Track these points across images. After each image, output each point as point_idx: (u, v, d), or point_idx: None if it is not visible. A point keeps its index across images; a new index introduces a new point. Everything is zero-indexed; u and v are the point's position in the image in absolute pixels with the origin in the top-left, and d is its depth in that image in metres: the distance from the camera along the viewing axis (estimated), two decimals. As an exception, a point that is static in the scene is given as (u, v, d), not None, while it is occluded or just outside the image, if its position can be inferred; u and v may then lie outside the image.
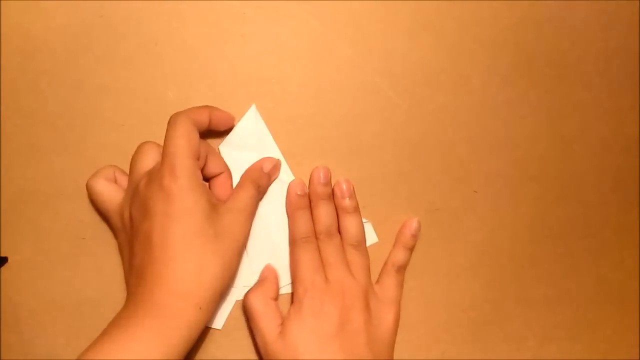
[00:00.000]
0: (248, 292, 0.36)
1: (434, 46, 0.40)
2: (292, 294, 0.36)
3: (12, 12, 0.37)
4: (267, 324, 0.35)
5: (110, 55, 0.38)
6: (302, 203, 0.37)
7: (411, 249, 0.39)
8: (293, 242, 0.37)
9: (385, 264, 0.39)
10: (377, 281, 0.39)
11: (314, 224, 0.37)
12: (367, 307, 0.36)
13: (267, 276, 0.37)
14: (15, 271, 0.37)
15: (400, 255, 0.39)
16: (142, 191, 0.32)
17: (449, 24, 0.40)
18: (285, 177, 0.38)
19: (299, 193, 0.37)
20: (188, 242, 0.30)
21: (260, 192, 0.37)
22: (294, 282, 0.36)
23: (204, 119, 0.35)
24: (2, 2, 0.37)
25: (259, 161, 0.37)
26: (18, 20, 0.37)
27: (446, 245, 0.40)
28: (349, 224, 0.37)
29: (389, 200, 0.40)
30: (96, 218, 0.37)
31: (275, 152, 0.39)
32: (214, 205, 0.33)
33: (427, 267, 0.40)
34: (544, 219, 0.42)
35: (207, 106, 0.36)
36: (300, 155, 0.39)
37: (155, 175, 0.32)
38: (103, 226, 0.37)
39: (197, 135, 0.33)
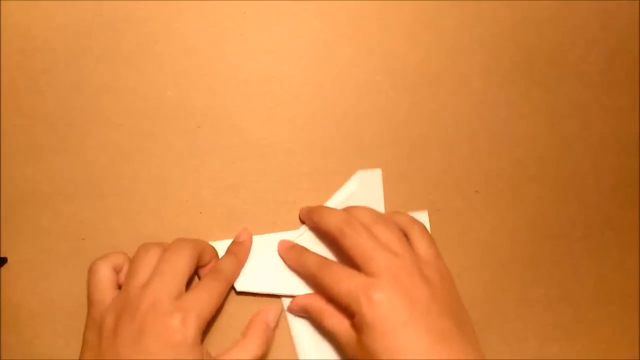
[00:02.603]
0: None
1: (435, 46, 0.40)
2: (348, 315, 0.33)
3: (12, 12, 0.37)
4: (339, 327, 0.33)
5: (110, 55, 0.38)
6: (298, 250, 0.36)
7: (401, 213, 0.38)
8: (314, 276, 0.34)
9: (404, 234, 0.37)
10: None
11: (328, 233, 0.35)
12: (425, 277, 0.32)
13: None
14: (15, 271, 0.37)
15: (404, 219, 0.37)
16: (140, 316, 0.30)
17: (449, 24, 0.40)
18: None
19: (288, 246, 0.37)
20: None
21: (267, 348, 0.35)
22: (341, 302, 0.32)
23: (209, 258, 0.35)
24: (2, 2, 0.37)
25: (263, 312, 0.36)
26: (18, 20, 0.37)
27: (447, 245, 0.40)
28: (359, 211, 0.35)
29: (390, 200, 0.40)
30: (96, 218, 0.37)
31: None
32: (205, 355, 0.31)
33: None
34: (544, 219, 0.42)
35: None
36: (300, 155, 0.39)
37: (160, 306, 0.30)
38: (103, 226, 0.37)
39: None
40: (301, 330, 0.37)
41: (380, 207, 0.39)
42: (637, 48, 0.43)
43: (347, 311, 0.32)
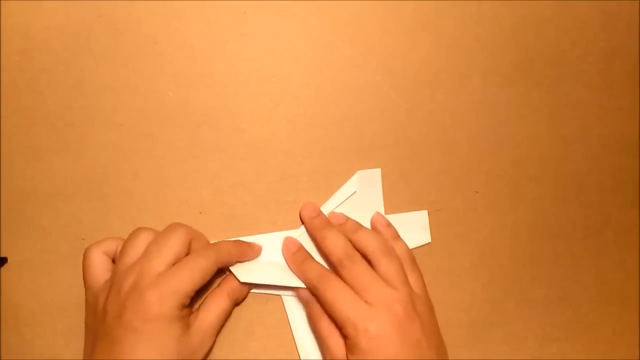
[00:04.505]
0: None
1: (435, 46, 0.40)
2: (342, 333, 0.33)
3: (12, 12, 0.37)
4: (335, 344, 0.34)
5: (110, 55, 0.37)
6: (302, 255, 0.37)
7: (398, 236, 0.38)
8: (315, 288, 0.35)
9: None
10: None
11: (328, 256, 0.36)
12: (417, 312, 0.34)
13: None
14: (15, 271, 0.37)
15: (401, 247, 0.38)
16: (124, 293, 0.31)
17: (449, 24, 0.40)
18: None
19: (294, 250, 0.37)
20: None
21: (236, 303, 0.37)
22: (338, 323, 0.33)
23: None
24: (2, 2, 0.37)
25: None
26: (18, 20, 0.37)
27: (447, 245, 0.40)
28: (364, 237, 0.36)
29: (390, 201, 0.40)
30: (96, 218, 0.37)
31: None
32: (186, 326, 0.32)
33: (428, 267, 0.40)
34: (544, 219, 0.42)
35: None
36: (300, 155, 0.39)
37: (141, 282, 0.31)
38: (103, 226, 0.37)
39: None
40: (302, 330, 0.37)
41: (379, 207, 0.39)
42: (637, 48, 0.43)
43: (342, 330, 0.33)
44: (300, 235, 0.38)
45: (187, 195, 0.38)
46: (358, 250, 0.36)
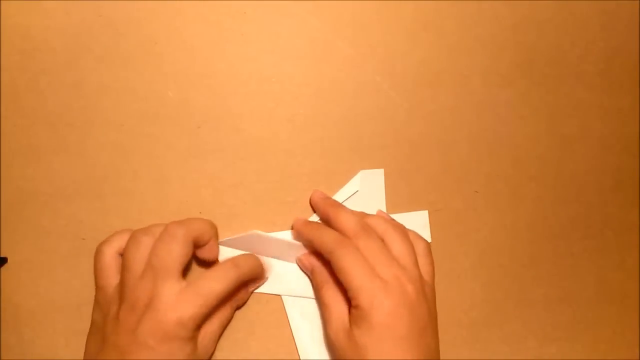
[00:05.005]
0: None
1: (435, 46, 0.40)
2: (351, 301, 0.33)
3: (12, 12, 0.37)
4: (337, 316, 0.34)
5: (110, 55, 0.37)
6: (315, 225, 0.36)
7: (387, 218, 0.38)
8: (330, 253, 0.33)
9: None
10: None
11: (343, 231, 0.35)
12: (426, 297, 0.34)
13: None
14: (15, 271, 0.37)
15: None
16: (139, 310, 0.31)
17: (449, 24, 0.40)
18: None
19: (303, 221, 0.36)
20: None
21: (237, 309, 0.37)
22: (350, 292, 0.32)
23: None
24: (2, 2, 0.37)
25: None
26: (18, 20, 0.37)
27: (447, 245, 0.40)
28: (372, 219, 0.36)
29: (390, 200, 0.40)
30: (96, 218, 0.37)
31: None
32: (195, 342, 0.32)
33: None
34: (544, 219, 0.42)
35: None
36: (300, 155, 0.39)
37: (158, 303, 0.31)
38: (103, 226, 0.37)
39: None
40: (302, 330, 0.37)
41: (382, 207, 0.39)
42: (637, 48, 0.43)
43: (352, 299, 0.32)
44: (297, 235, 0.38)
45: (187, 195, 0.38)
46: None
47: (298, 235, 0.37)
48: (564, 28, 0.42)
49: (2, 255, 0.37)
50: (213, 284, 0.32)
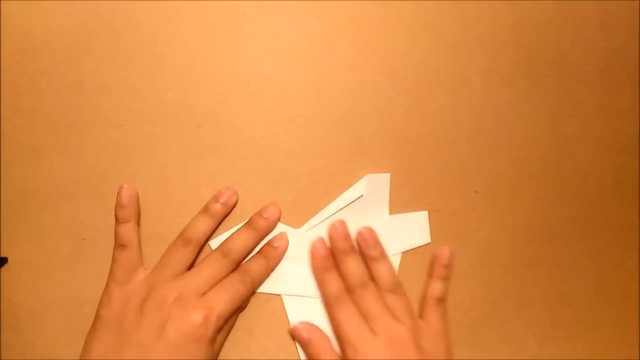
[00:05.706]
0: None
1: (435, 46, 0.40)
2: (342, 354, 0.35)
3: (12, 12, 0.37)
4: None
5: (110, 55, 0.37)
6: (328, 264, 0.37)
7: (447, 279, 0.39)
8: (328, 305, 0.36)
9: (424, 298, 0.38)
10: (421, 316, 0.38)
11: (344, 280, 0.36)
12: (420, 347, 0.35)
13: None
14: (15, 271, 0.37)
15: (437, 288, 0.38)
16: (168, 305, 0.32)
17: (449, 24, 0.40)
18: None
19: (323, 255, 0.37)
20: None
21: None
22: (340, 344, 0.35)
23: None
24: (2, 2, 0.37)
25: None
26: (18, 20, 0.37)
27: (446, 245, 0.40)
28: (380, 270, 0.37)
29: (390, 201, 0.40)
30: (96, 218, 0.37)
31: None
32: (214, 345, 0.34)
33: (428, 267, 0.40)
34: (544, 219, 0.42)
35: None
36: (300, 155, 0.39)
37: (187, 299, 0.32)
38: (103, 226, 0.37)
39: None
40: None
41: (384, 211, 0.39)
42: (637, 48, 0.43)
43: (342, 352, 0.35)
44: (298, 235, 0.38)
45: (187, 195, 0.38)
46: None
47: (312, 264, 0.38)
48: (564, 28, 0.42)
49: (2, 255, 0.37)
50: (236, 284, 0.34)
